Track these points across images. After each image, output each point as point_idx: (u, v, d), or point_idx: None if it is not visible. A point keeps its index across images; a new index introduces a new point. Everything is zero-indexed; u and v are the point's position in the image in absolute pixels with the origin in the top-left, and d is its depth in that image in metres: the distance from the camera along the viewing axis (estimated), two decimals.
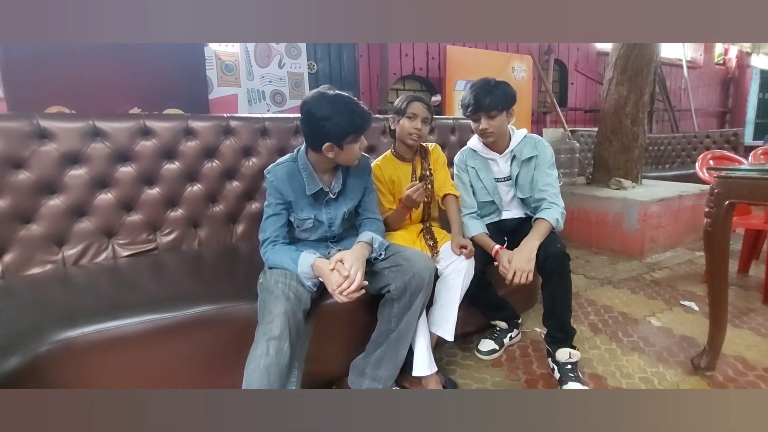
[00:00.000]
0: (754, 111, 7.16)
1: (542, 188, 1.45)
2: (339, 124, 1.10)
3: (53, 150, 1.38)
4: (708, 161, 2.56)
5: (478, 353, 1.55)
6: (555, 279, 1.33)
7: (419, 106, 1.43)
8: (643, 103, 3.02)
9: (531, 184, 1.49)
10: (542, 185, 1.46)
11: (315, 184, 1.21)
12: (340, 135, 1.11)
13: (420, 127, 1.43)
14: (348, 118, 1.11)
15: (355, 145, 1.17)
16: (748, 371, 1.42)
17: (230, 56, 2.88)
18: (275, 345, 0.97)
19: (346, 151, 1.16)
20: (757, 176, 1.24)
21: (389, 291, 1.18)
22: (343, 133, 1.11)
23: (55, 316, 1.01)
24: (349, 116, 1.11)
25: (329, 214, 1.27)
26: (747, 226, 2.18)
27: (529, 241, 1.33)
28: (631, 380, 1.40)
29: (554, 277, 1.33)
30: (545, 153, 1.48)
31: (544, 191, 1.45)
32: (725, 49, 7.03)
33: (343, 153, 1.16)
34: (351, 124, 1.11)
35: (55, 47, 1.99)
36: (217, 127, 1.67)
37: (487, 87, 1.38)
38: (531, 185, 1.49)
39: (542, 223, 1.38)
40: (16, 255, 1.34)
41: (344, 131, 1.11)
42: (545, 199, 1.44)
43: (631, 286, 2.19)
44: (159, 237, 1.57)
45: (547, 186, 1.45)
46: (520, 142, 1.49)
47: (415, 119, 1.43)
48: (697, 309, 1.90)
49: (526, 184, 1.50)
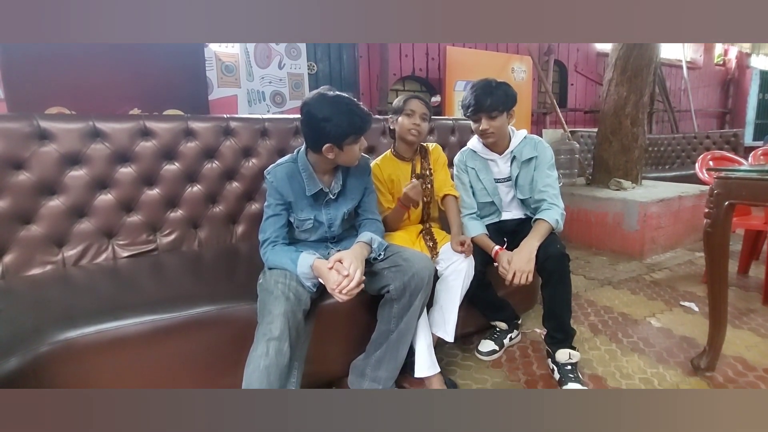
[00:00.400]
0: (754, 112, 7.17)
1: (542, 189, 1.45)
2: (339, 125, 1.10)
3: (53, 151, 1.39)
4: (708, 162, 2.57)
5: (478, 354, 1.55)
6: (555, 280, 1.33)
7: (416, 102, 1.45)
8: (642, 104, 3.02)
9: (531, 185, 1.49)
10: (542, 186, 1.46)
11: (315, 185, 1.21)
12: (340, 136, 1.12)
13: (419, 123, 1.44)
14: (348, 119, 1.11)
15: (355, 146, 1.17)
16: (748, 372, 1.42)
17: (230, 57, 2.89)
18: (275, 345, 0.97)
19: (346, 152, 1.16)
20: (756, 177, 1.24)
21: (389, 291, 1.18)
22: (343, 134, 1.12)
23: (55, 316, 1.01)
24: (349, 117, 1.11)
25: (329, 214, 1.27)
26: (747, 227, 2.18)
27: (529, 241, 1.33)
28: (631, 381, 1.39)
29: (554, 278, 1.33)
30: (545, 154, 1.49)
31: (544, 192, 1.45)
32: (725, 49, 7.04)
33: (343, 154, 1.16)
34: (351, 125, 1.11)
35: (56, 48, 1.99)
36: (217, 127, 1.67)
37: (488, 88, 1.38)
38: (531, 186, 1.49)
39: (542, 223, 1.38)
40: (16, 256, 1.34)
41: (344, 132, 1.11)
42: (545, 200, 1.44)
43: (631, 287, 2.19)
44: (159, 238, 1.57)
45: (546, 187, 1.45)
46: (520, 143, 1.49)
47: (413, 116, 1.44)
48: (697, 310, 1.90)
49: (525, 185, 1.50)
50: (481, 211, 1.57)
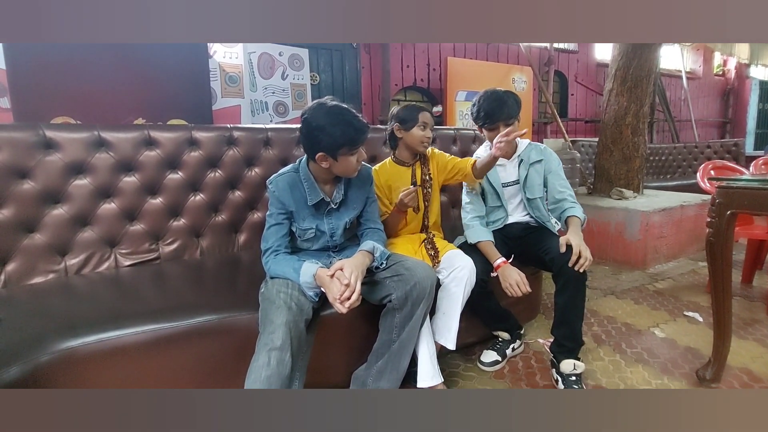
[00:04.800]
0: (754, 121, 7.20)
1: (560, 189, 1.55)
2: (332, 135, 1.10)
3: (58, 160, 1.40)
4: (709, 171, 2.57)
5: (480, 364, 1.54)
6: (571, 286, 1.34)
7: (428, 115, 1.51)
8: (643, 114, 3.03)
9: (540, 185, 1.57)
10: (560, 187, 1.56)
11: (316, 195, 1.22)
12: (333, 146, 1.12)
13: (430, 135, 1.51)
14: (341, 129, 1.10)
15: (351, 157, 1.16)
16: (754, 383, 1.41)
17: (234, 68, 2.92)
18: (277, 355, 0.97)
19: (340, 162, 1.16)
20: (758, 186, 1.24)
21: (390, 301, 1.18)
22: (335, 144, 1.12)
23: (56, 325, 1.01)
24: (343, 128, 1.11)
25: (331, 224, 1.27)
26: (750, 236, 2.17)
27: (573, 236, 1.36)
28: None
29: (571, 285, 1.34)
30: (553, 157, 1.60)
31: (564, 192, 1.54)
32: (724, 60, 7.09)
33: (338, 164, 1.16)
34: (344, 136, 1.11)
35: (62, 58, 2.02)
36: (221, 137, 1.68)
37: (502, 97, 1.47)
38: (540, 186, 1.57)
39: (574, 219, 1.46)
40: (18, 264, 1.34)
41: (336, 143, 1.11)
42: (566, 200, 1.53)
43: (635, 297, 2.18)
44: (161, 246, 1.58)
45: (564, 188, 1.56)
46: (526, 147, 1.60)
47: (426, 128, 1.49)
48: (701, 320, 1.88)
49: (534, 186, 1.57)
50: (489, 215, 1.63)
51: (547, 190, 1.59)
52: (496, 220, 1.62)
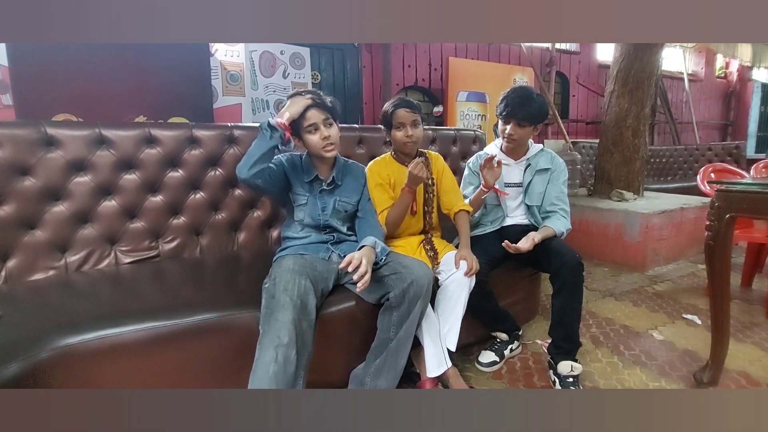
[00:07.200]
0: (756, 124, 7.19)
1: (554, 201, 1.54)
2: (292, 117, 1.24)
3: (59, 157, 1.40)
4: (709, 174, 2.57)
5: (478, 365, 1.54)
6: (568, 288, 1.34)
7: (402, 112, 1.41)
8: (644, 116, 3.03)
9: (541, 194, 1.56)
10: (555, 199, 1.55)
11: (311, 173, 1.35)
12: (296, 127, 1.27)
13: (411, 133, 1.43)
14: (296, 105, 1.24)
15: (312, 135, 1.27)
16: (751, 386, 1.41)
17: (235, 66, 2.92)
18: (284, 352, 0.97)
19: (306, 140, 1.29)
20: (757, 190, 1.24)
21: (388, 299, 1.19)
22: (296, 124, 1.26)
23: (56, 322, 1.02)
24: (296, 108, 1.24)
25: (322, 200, 1.36)
26: (749, 240, 2.17)
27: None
28: None
29: (567, 287, 1.34)
30: (561, 169, 1.59)
31: (556, 204, 1.54)
32: (726, 62, 7.09)
33: (306, 143, 1.30)
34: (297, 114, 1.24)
35: (63, 56, 2.02)
36: (221, 135, 1.68)
37: (528, 99, 1.46)
38: (540, 195, 1.56)
39: (547, 229, 1.47)
40: (19, 261, 1.35)
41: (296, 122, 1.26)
42: (556, 212, 1.52)
43: (633, 299, 2.18)
44: (161, 244, 1.58)
45: (559, 200, 1.54)
46: (537, 153, 1.59)
47: (403, 128, 1.43)
48: (700, 323, 1.88)
49: (535, 193, 1.56)
50: (488, 215, 1.63)
51: (544, 196, 1.58)
52: (494, 220, 1.62)
